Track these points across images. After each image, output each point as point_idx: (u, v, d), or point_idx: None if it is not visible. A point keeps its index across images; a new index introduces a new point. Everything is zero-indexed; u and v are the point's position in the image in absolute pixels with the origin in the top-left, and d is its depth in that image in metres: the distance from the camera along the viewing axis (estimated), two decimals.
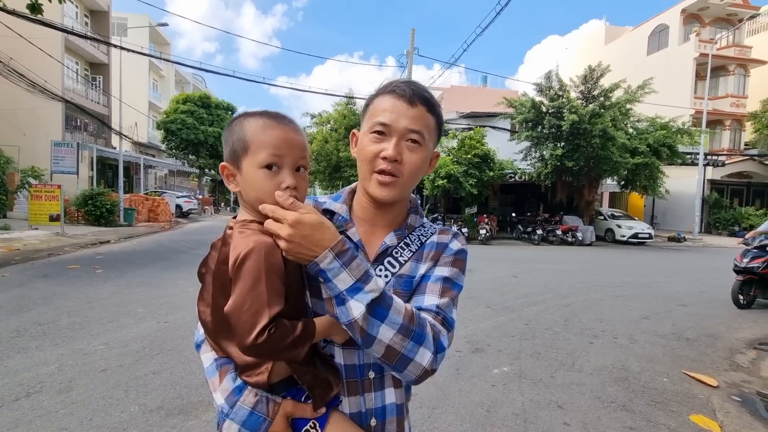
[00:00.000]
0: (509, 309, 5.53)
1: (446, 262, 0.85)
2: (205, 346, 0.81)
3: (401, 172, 0.80)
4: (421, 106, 0.81)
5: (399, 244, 0.85)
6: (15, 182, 14.44)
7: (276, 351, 0.67)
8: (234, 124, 0.77)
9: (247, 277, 0.65)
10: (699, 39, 23.91)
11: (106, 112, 22.18)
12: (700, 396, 3.20)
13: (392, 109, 0.80)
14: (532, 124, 16.36)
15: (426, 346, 0.72)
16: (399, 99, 0.81)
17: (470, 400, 2.93)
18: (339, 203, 0.89)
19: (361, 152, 0.83)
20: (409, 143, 0.81)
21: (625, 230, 17.39)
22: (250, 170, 0.73)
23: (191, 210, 24.26)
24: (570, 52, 35.30)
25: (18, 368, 3.07)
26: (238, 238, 0.70)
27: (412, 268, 0.84)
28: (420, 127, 0.81)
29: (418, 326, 0.72)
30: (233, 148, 0.75)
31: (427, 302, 0.79)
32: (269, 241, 0.69)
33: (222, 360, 0.75)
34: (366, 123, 0.84)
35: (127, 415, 2.50)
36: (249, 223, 0.73)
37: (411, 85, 0.83)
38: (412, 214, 0.91)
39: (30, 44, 14.15)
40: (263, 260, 0.66)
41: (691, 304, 6.32)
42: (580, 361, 3.80)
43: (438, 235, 0.89)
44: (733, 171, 22.94)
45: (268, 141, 0.73)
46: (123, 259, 8.46)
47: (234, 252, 0.68)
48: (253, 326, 0.63)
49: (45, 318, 4.29)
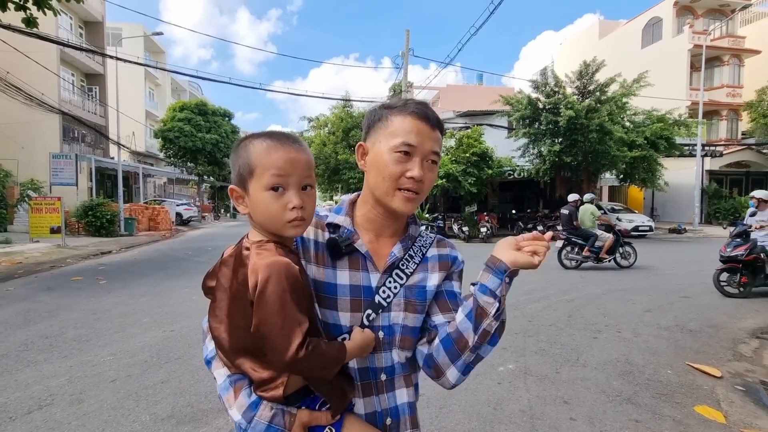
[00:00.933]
0: (512, 306, 5.56)
1: (457, 276, 0.98)
2: (216, 362, 0.82)
3: (422, 189, 0.87)
4: (438, 130, 0.89)
5: (404, 256, 0.92)
6: (15, 196, 14.47)
7: (313, 368, 0.72)
8: (239, 147, 0.79)
9: (273, 299, 0.68)
10: (692, 30, 23.96)
11: (104, 122, 22.22)
12: (704, 387, 3.23)
13: (417, 132, 0.85)
14: (529, 121, 16.39)
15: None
16: (422, 121, 0.86)
17: (477, 398, 2.96)
18: (342, 216, 0.93)
19: (384, 169, 0.86)
20: (429, 163, 0.88)
21: (625, 223, 17.39)
22: (257, 193, 0.75)
23: (191, 217, 24.29)
24: (564, 48, 35.36)
25: (28, 381, 3.10)
26: (256, 260, 0.72)
27: (421, 278, 0.92)
28: (439, 148, 0.89)
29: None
30: (239, 172, 0.77)
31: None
32: (286, 260, 0.72)
33: (235, 376, 0.77)
34: (384, 140, 0.87)
35: (139, 425, 2.52)
36: (265, 244, 0.75)
37: (426, 107, 0.88)
38: (412, 224, 0.97)
39: (26, 58, 14.20)
40: (285, 281, 0.69)
41: (693, 295, 6.35)
42: (585, 356, 3.83)
43: (437, 248, 0.97)
44: (731, 161, 22.97)
45: (272, 163, 0.74)
46: (126, 269, 8.49)
47: (253, 275, 0.70)
48: (290, 344, 0.68)
49: (51, 331, 4.32)
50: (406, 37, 18.38)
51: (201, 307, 5.63)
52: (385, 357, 0.87)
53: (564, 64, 23.52)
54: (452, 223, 16.54)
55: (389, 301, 0.88)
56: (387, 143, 0.86)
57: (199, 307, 5.32)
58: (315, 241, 0.89)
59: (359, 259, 0.89)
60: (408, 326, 0.89)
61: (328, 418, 0.76)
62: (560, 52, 35.19)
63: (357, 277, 0.88)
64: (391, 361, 0.88)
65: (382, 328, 0.87)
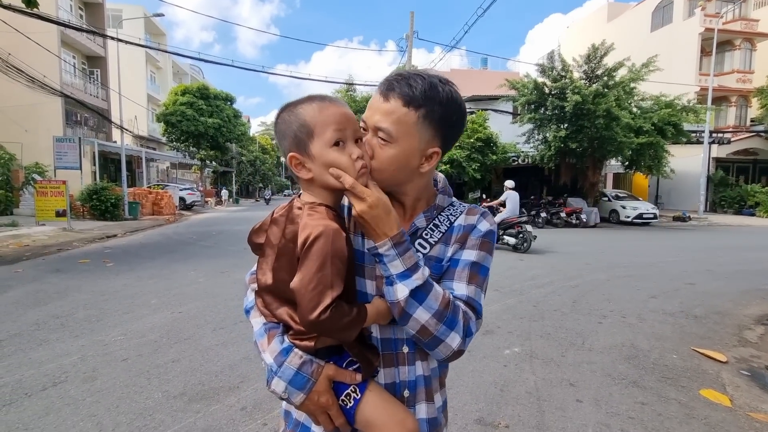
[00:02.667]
0: (517, 292, 5.58)
1: (473, 245, 0.86)
2: (254, 311, 0.86)
3: (373, 167, 0.82)
4: (395, 98, 0.78)
5: (428, 226, 0.87)
6: (20, 179, 14.50)
7: (333, 330, 0.72)
8: (285, 115, 0.80)
9: (315, 258, 0.70)
10: (704, 13, 23.39)
11: (106, 106, 22.10)
12: (709, 371, 3.25)
13: (369, 106, 0.83)
14: (534, 106, 16.20)
15: (456, 331, 0.78)
16: (376, 94, 0.83)
17: (483, 380, 3.00)
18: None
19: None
20: (380, 140, 0.80)
21: (629, 211, 17.34)
22: (322, 151, 0.76)
23: (195, 202, 24.35)
24: (572, 31, 34.68)
25: (42, 360, 3.15)
26: (307, 219, 0.74)
27: (441, 250, 0.86)
28: (388, 124, 0.78)
29: (451, 313, 0.78)
30: (297, 137, 0.78)
31: (457, 290, 0.83)
32: (336, 227, 0.73)
33: (270, 324, 0.81)
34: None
35: (152, 402, 2.57)
36: (318, 206, 0.77)
37: (397, 76, 0.80)
38: (440, 194, 0.92)
39: (27, 40, 14.03)
40: (330, 244, 0.70)
41: (699, 282, 6.35)
42: (590, 340, 3.85)
43: (465, 216, 0.89)
44: (739, 148, 22.72)
45: (330, 119, 0.76)
46: (132, 253, 8.54)
47: (303, 232, 0.72)
48: (318, 304, 0.69)
49: (62, 311, 4.37)
50: (410, 20, 18.04)
51: (208, 290, 5.71)
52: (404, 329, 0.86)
53: (571, 48, 23.06)
54: None
55: None
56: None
57: (206, 290, 5.36)
58: (349, 207, 0.87)
59: None
60: None
61: (353, 378, 0.78)
62: (567, 36, 34.53)
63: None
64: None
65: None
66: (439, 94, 0.80)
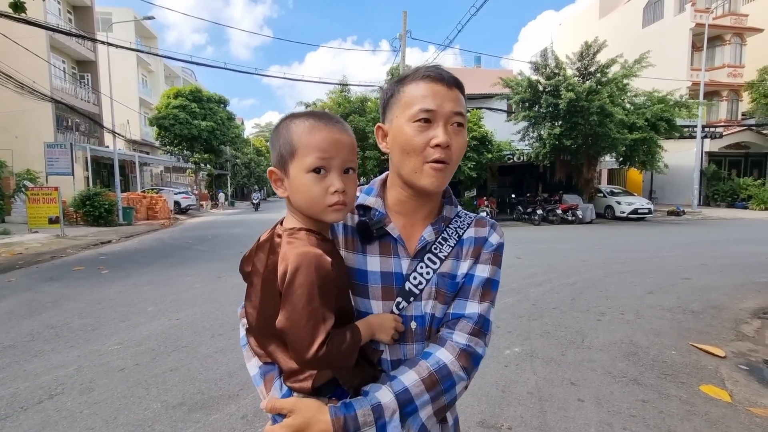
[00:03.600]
0: (515, 290, 5.58)
1: (486, 260, 0.86)
2: (247, 351, 0.81)
3: (451, 157, 0.80)
4: (456, 89, 0.81)
5: (437, 239, 0.85)
6: (11, 186, 14.32)
7: (332, 363, 0.69)
8: (280, 127, 0.76)
9: (300, 293, 0.65)
10: (694, 9, 23.58)
11: (97, 110, 21.89)
12: (708, 367, 3.27)
13: (434, 95, 0.78)
14: (528, 103, 16.22)
15: (459, 383, 0.78)
16: (436, 83, 0.79)
17: (485, 381, 2.99)
18: (373, 197, 0.88)
19: (406, 144, 0.79)
20: (455, 127, 0.80)
21: (624, 206, 17.44)
22: (298, 174, 0.72)
23: (190, 206, 24.19)
24: (564, 28, 34.83)
25: (37, 371, 3.10)
26: (286, 249, 0.69)
27: (453, 266, 0.85)
28: (462, 109, 0.80)
29: (443, 380, 0.76)
30: (280, 153, 0.74)
31: (469, 310, 0.83)
32: (318, 252, 0.68)
33: (266, 367, 0.77)
34: (401, 113, 0.81)
35: (151, 412, 2.54)
36: (297, 232, 0.72)
37: (440, 68, 0.81)
38: (447, 204, 0.90)
39: (15, 45, 13.87)
40: (314, 274, 0.66)
41: (695, 276, 6.39)
42: (590, 338, 3.86)
43: (475, 228, 0.89)
44: (731, 142, 22.91)
45: (315, 144, 0.71)
46: (127, 259, 8.47)
47: (282, 264, 0.67)
48: (312, 342, 0.65)
49: (57, 321, 4.32)
50: (403, 19, 18.02)
51: (205, 295, 5.67)
52: (416, 349, 0.82)
53: (564, 46, 23.15)
54: None
55: (421, 288, 0.82)
56: (404, 115, 0.80)
57: (204, 296, 5.32)
58: (344, 225, 0.85)
59: (390, 244, 0.84)
60: (436, 317, 0.83)
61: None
62: (560, 33, 34.67)
63: (388, 263, 0.83)
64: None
65: (414, 318, 0.82)
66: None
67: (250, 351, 0.80)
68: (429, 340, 0.83)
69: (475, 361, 0.80)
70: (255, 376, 0.78)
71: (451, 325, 0.82)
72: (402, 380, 0.75)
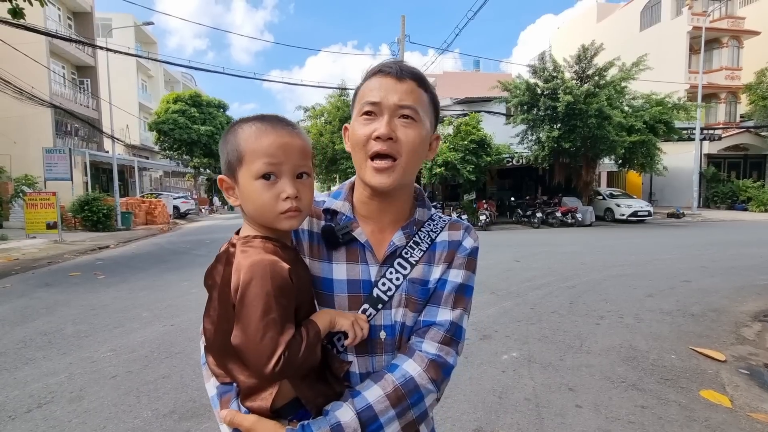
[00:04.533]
0: (514, 294, 5.54)
1: (460, 264, 0.82)
2: (205, 371, 0.76)
3: (398, 151, 0.74)
4: (410, 81, 0.76)
5: (408, 244, 0.81)
6: (9, 191, 14.31)
7: (295, 368, 0.64)
8: (228, 133, 0.72)
9: (255, 303, 0.61)
10: (692, 12, 23.67)
11: (97, 115, 21.92)
12: (708, 371, 3.22)
13: (380, 87, 0.75)
14: (527, 107, 16.25)
15: (428, 396, 0.74)
16: (386, 76, 0.76)
17: (481, 387, 2.94)
18: (340, 201, 0.84)
19: (354, 138, 0.77)
20: (402, 119, 0.75)
21: (624, 209, 17.42)
22: (247, 182, 0.69)
23: (189, 210, 24.17)
24: (562, 32, 34.97)
25: (27, 379, 3.06)
26: (240, 258, 0.65)
27: (425, 271, 0.80)
28: (411, 101, 0.75)
29: (410, 394, 0.72)
30: (228, 160, 0.71)
31: (441, 317, 0.78)
32: (273, 259, 0.64)
33: (223, 388, 0.72)
34: (354, 110, 0.79)
35: (141, 421, 2.49)
36: (252, 240, 0.69)
37: (397, 63, 0.78)
38: (419, 207, 0.86)
39: (14, 50, 13.90)
40: (269, 283, 0.62)
41: (694, 279, 6.35)
42: (588, 342, 3.81)
43: (449, 231, 0.85)
44: (730, 144, 22.94)
45: (263, 149, 0.68)
46: (124, 264, 8.43)
47: (235, 275, 0.64)
48: (271, 356, 0.61)
49: (50, 327, 4.27)
50: (401, 23, 18.10)
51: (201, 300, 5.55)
52: (386, 361, 0.78)
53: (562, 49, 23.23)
54: (451, 212, 16.51)
55: (390, 294, 0.78)
56: (355, 111, 0.78)
57: (200, 301, 5.28)
58: (309, 231, 0.81)
59: (358, 250, 0.80)
60: (407, 325, 0.79)
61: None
62: (558, 37, 34.81)
63: (355, 270, 0.79)
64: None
65: (384, 327, 0.78)
66: (428, 81, 0.80)
67: (208, 371, 0.75)
68: (399, 351, 0.79)
69: (446, 371, 0.76)
70: (213, 397, 0.73)
71: (421, 334, 0.78)
72: (365, 396, 0.70)
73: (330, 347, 0.77)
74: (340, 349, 0.78)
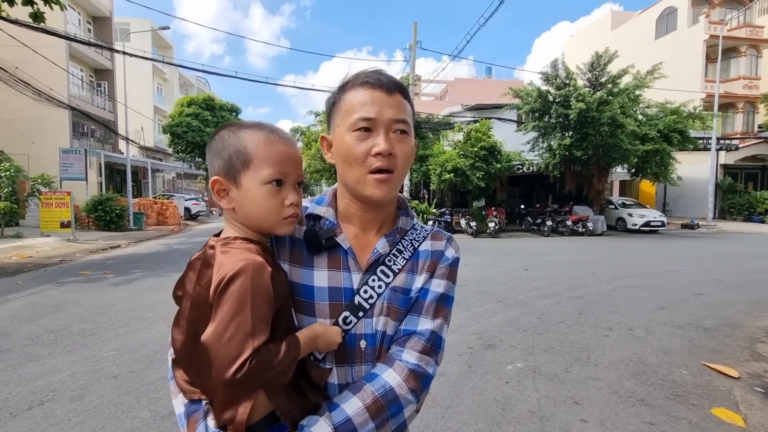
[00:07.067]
0: (521, 303, 5.45)
1: (442, 274, 0.82)
2: (173, 386, 0.73)
3: (396, 165, 0.75)
4: (398, 94, 0.76)
5: (392, 251, 0.80)
6: (26, 190, 14.65)
7: (259, 382, 0.61)
8: (225, 134, 0.72)
9: (231, 301, 0.59)
10: (708, 21, 23.32)
11: (112, 117, 22.37)
12: (721, 388, 3.11)
13: (372, 101, 0.74)
14: (538, 114, 16.13)
15: (407, 407, 0.72)
16: (375, 89, 0.74)
17: (484, 398, 2.88)
18: (324, 207, 0.83)
19: (347, 154, 0.75)
20: (398, 134, 0.75)
21: (636, 219, 17.12)
22: (252, 186, 0.69)
23: (200, 212, 24.45)
24: (575, 40, 34.73)
25: (31, 376, 3.09)
26: (222, 258, 0.64)
27: (408, 280, 0.79)
28: (404, 115, 0.76)
29: (390, 405, 0.70)
30: (230, 160, 0.70)
31: (421, 326, 0.77)
32: (258, 260, 0.63)
33: (192, 406, 0.68)
34: (341, 122, 0.76)
35: (139, 422, 2.49)
36: (233, 241, 0.68)
37: (380, 73, 0.77)
38: (402, 216, 0.85)
39: (35, 53, 14.28)
40: (250, 283, 0.60)
41: (708, 292, 6.18)
42: (596, 354, 3.72)
43: (431, 241, 0.84)
44: (747, 155, 22.45)
45: (274, 157, 0.69)
46: (133, 264, 8.53)
47: (218, 274, 0.62)
48: (234, 359, 0.58)
49: (57, 325, 4.33)
50: (413, 30, 18.17)
51: None
52: (366, 371, 0.76)
53: (575, 57, 23.04)
54: (460, 218, 16.41)
55: (372, 302, 0.76)
56: (344, 124, 0.75)
57: None
58: (290, 237, 0.79)
59: (340, 257, 0.78)
60: (387, 335, 0.77)
61: None
62: (571, 45, 34.58)
63: (337, 277, 0.77)
64: None
65: (364, 336, 0.76)
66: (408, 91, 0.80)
67: (175, 387, 0.72)
68: (378, 361, 0.76)
69: (425, 382, 0.74)
70: (179, 415, 0.69)
71: (401, 343, 0.76)
72: (344, 409, 0.68)
73: (307, 354, 0.74)
74: (318, 356, 0.75)
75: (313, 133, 23.27)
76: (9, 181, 12.18)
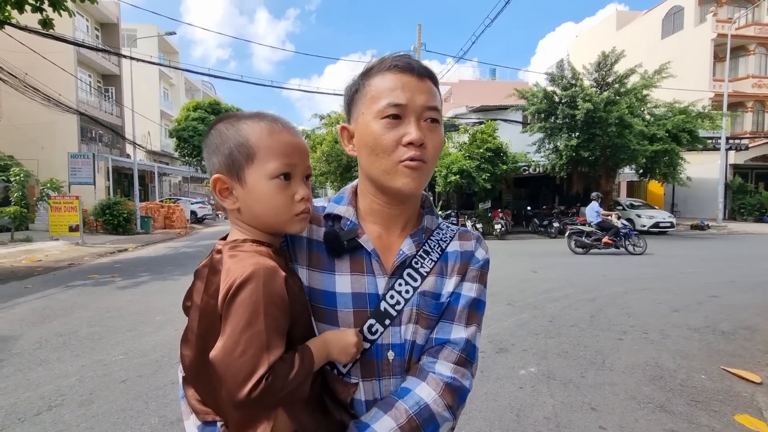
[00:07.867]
0: (531, 306, 5.37)
1: (473, 277, 0.76)
2: (184, 406, 0.67)
3: (427, 156, 0.68)
4: (429, 80, 0.70)
5: (418, 253, 0.74)
6: (35, 195, 14.80)
7: (275, 401, 0.55)
8: (223, 127, 0.65)
9: (242, 312, 0.53)
10: (716, 19, 23.08)
11: (120, 122, 22.59)
12: (743, 394, 3.01)
13: (403, 87, 0.67)
14: (544, 114, 16.01)
15: (443, 425, 0.67)
16: (406, 74, 0.68)
17: (498, 404, 2.81)
18: (344, 206, 0.76)
19: (375, 143, 0.68)
20: (429, 123, 0.69)
21: (645, 220, 16.90)
22: (258, 182, 0.63)
23: (206, 215, 24.56)
24: (581, 40, 34.55)
25: (40, 381, 3.07)
26: (230, 263, 0.58)
27: (437, 284, 0.73)
28: (436, 103, 0.71)
29: (425, 424, 0.64)
30: (232, 156, 0.63)
31: (455, 335, 0.71)
32: (269, 264, 0.57)
33: (206, 429, 0.62)
34: (367, 109, 0.69)
35: (148, 428, 2.45)
36: (242, 243, 0.62)
37: (410, 57, 0.71)
38: (427, 214, 0.79)
39: (44, 59, 14.45)
40: (262, 290, 0.54)
41: (723, 294, 6.05)
42: (611, 359, 3.63)
43: (460, 241, 0.79)
44: (757, 154, 22.12)
45: (280, 148, 0.63)
46: (141, 267, 8.54)
47: (227, 280, 0.56)
48: (248, 377, 0.52)
49: (66, 329, 4.32)
50: (417, 32, 18.16)
51: None
52: (395, 385, 0.69)
53: (580, 58, 22.91)
54: (466, 220, 16.31)
55: (399, 308, 0.70)
56: (370, 112, 0.68)
57: None
58: (308, 239, 0.73)
59: (364, 260, 0.72)
60: (417, 344, 0.71)
61: None
62: (576, 45, 34.39)
63: (361, 282, 0.70)
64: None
65: (392, 346, 0.69)
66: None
67: (187, 407, 0.66)
68: (408, 373, 0.70)
69: (462, 396, 0.68)
70: None
71: (433, 353, 0.70)
72: (375, 429, 0.62)
73: (330, 368, 0.69)
74: (342, 370, 0.69)
75: (318, 136, 23.28)
76: (19, 186, 12.31)
